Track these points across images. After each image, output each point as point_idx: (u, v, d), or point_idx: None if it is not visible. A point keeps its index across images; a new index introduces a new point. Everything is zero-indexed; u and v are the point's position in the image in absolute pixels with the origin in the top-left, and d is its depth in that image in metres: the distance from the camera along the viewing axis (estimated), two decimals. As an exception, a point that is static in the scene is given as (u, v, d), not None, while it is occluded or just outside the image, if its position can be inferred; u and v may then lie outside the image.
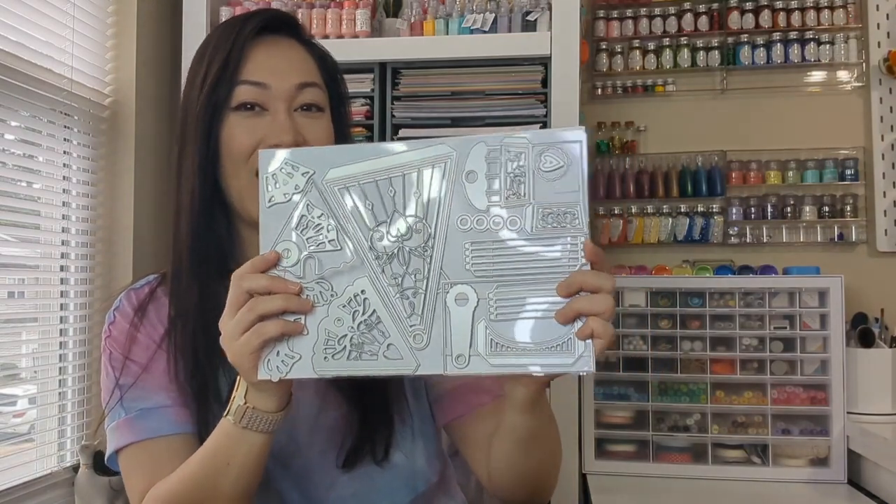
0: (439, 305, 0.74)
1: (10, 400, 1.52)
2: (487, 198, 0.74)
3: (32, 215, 1.54)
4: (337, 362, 0.75)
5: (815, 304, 1.92)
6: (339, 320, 0.75)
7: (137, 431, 0.92)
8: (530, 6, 1.65)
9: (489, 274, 0.73)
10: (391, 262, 0.75)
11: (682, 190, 2.23)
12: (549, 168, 0.74)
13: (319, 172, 0.78)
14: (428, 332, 0.74)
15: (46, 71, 1.49)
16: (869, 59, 2.18)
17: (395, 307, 0.75)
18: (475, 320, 0.73)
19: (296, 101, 0.94)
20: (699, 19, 2.24)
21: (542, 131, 0.76)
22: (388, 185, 0.76)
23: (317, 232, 0.77)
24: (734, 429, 1.93)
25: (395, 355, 0.74)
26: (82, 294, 1.61)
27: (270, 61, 0.95)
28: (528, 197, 0.74)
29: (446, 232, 0.75)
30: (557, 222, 0.73)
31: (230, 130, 0.93)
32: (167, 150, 1.79)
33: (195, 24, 1.69)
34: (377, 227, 0.76)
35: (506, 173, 0.74)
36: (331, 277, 0.76)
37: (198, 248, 0.94)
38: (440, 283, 0.74)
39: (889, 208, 2.15)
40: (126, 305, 0.99)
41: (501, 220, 0.74)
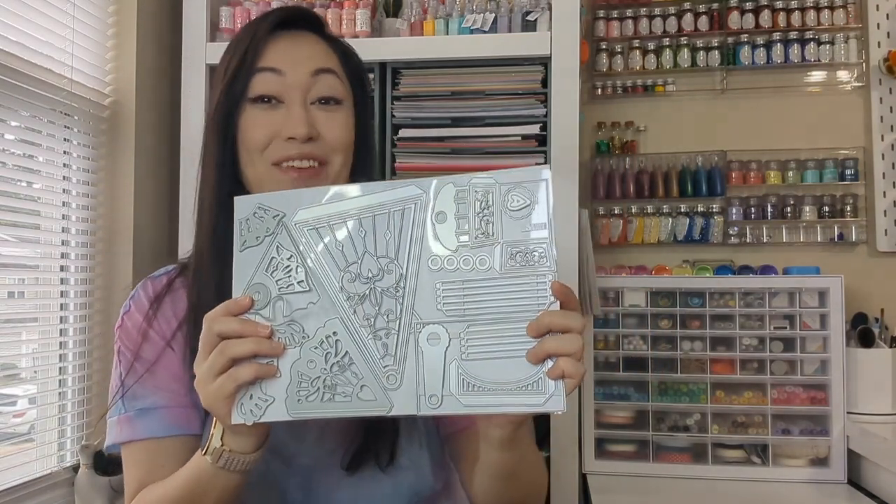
0: (412, 345, 0.74)
1: (10, 400, 1.52)
2: (457, 238, 0.75)
3: (32, 215, 1.54)
4: (311, 404, 0.75)
5: (815, 304, 1.92)
6: (312, 362, 0.75)
7: (135, 430, 0.93)
8: (530, 6, 1.65)
9: (460, 314, 0.74)
10: (363, 302, 0.76)
11: (682, 190, 2.23)
12: (517, 207, 0.75)
13: (290, 214, 0.78)
14: (401, 372, 0.74)
15: (46, 71, 1.49)
16: (869, 59, 2.18)
17: (367, 348, 0.75)
18: (447, 360, 0.73)
19: (312, 91, 0.95)
20: (699, 19, 2.24)
21: (508, 171, 0.76)
22: (359, 225, 0.77)
23: (286, 273, 0.77)
24: (734, 429, 1.93)
25: (369, 396, 0.74)
26: (82, 294, 1.61)
27: (288, 50, 0.96)
28: (497, 236, 0.74)
29: (417, 272, 0.75)
30: (525, 261, 0.74)
31: (247, 122, 0.95)
32: (167, 150, 1.79)
33: (195, 24, 1.69)
34: (348, 267, 0.76)
35: (474, 213, 0.75)
36: (301, 319, 0.76)
37: (218, 242, 0.95)
38: (412, 324, 0.74)
39: (889, 208, 2.15)
40: (142, 296, 1.00)
41: (471, 260, 0.75)
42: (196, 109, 1.67)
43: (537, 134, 1.61)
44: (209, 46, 1.68)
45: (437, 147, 1.65)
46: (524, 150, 1.62)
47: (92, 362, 1.63)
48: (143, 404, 0.94)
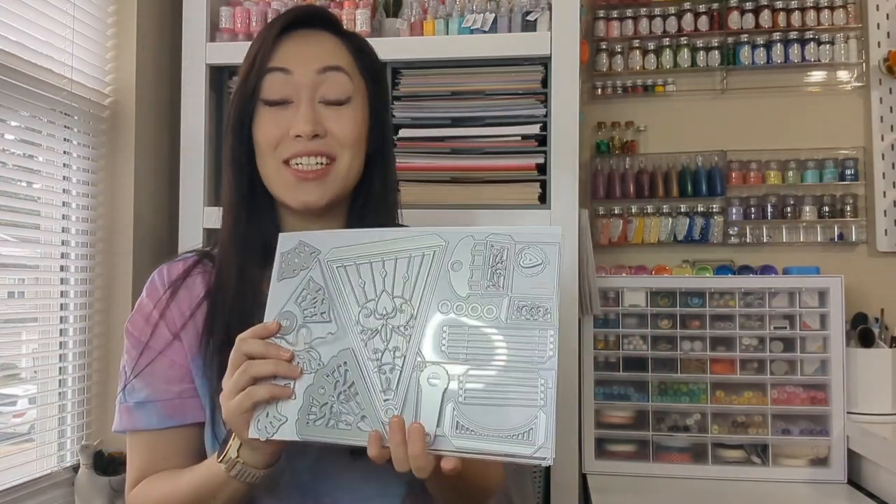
0: (413, 383, 0.78)
1: (10, 400, 1.52)
2: (469, 286, 0.80)
3: (32, 215, 1.53)
4: (317, 428, 0.79)
5: (815, 304, 1.92)
6: (323, 388, 0.80)
7: (133, 421, 0.97)
8: (530, 6, 1.65)
9: (462, 357, 0.78)
10: (374, 337, 0.81)
11: (682, 190, 2.23)
12: (529, 265, 0.80)
13: (324, 252, 0.86)
14: (399, 408, 0.78)
15: (46, 71, 1.49)
16: (869, 59, 2.18)
17: (371, 381, 0.79)
18: (445, 400, 0.77)
19: (319, 90, 0.97)
20: (699, 19, 2.24)
21: (524, 230, 0.83)
22: (381, 266, 0.83)
23: (312, 304, 0.84)
24: (734, 429, 1.93)
25: (367, 427, 0.78)
26: (82, 294, 1.61)
27: (297, 49, 0.98)
28: (507, 289, 0.79)
29: (427, 314, 0.80)
30: (531, 315, 0.78)
31: (259, 122, 0.98)
32: (167, 150, 1.79)
33: (195, 25, 1.69)
34: (366, 303, 0.82)
35: (488, 265, 0.81)
36: (319, 347, 0.82)
37: (237, 237, 0.99)
38: (416, 362, 0.79)
39: (889, 208, 2.15)
40: (157, 284, 1.03)
41: (479, 308, 0.79)
42: (196, 109, 1.67)
43: (537, 134, 1.61)
44: (209, 46, 1.68)
45: (437, 147, 1.65)
46: (524, 150, 1.62)
47: (92, 362, 1.63)
48: (139, 397, 0.98)
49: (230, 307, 0.96)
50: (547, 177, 1.60)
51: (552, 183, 1.59)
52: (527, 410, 0.75)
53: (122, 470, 1.52)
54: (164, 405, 0.97)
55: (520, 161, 1.62)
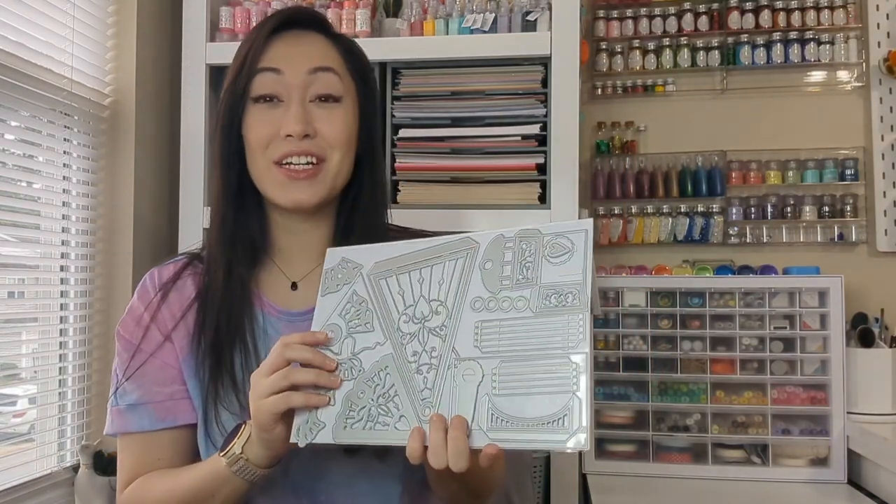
0: (448, 380, 0.80)
1: (10, 400, 1.52)
2: (500, 282, 0.82)
3: (32, 215, 1.53)
4: (353, 431, 0.82)
5: (815, 304, 1.92)
6: (363, 393, 0.83)
7: (125, 423, 0.99)
8: (530, 6, 1.65)
9: (495, 351, 0.79)
10: (412, 341, 0.84)
11: (682, 190, 2.23)
12: (556, 254, 0.81)
13: (366, 266, 0.89)
14: (436, 405, 0.79)
15: (46, 71, 1.49)
16: (869, 59, 2.18)
17: (411, 382, 0.82)
18: (479, 395, 0.78)
19: (310, 89, 0.98)
20: (699, 19, 2.24)
21: (553, 223, 0.85)
22: (419, 273, 0.86)
23: (357, 316, 0.87)
24: (734, 429, 1.93)
25: (405, 426, 0.80)
26: (82, 294, 1.61)
27: (288, 50, 0.99)
28: (535, 280, 0.81)
29: (461, 313, 0.82)
30: (559, 301, 0.79)
31: (249, 121, 0.98)
32: (167, 150, 1.79)
33: (195, 24, 1.69)
34: (405, 310, 0.85)
35: (517, 260, 0.82)
36: (362, 355, 0.85)
37: (225, 237, 1.00)
38: (450, 359, 0.81)
39: (889, 208, 2.15)
40: (148, 287, 1.03)
41: (509, 301, 0.81)
42: (196, 109, 1.67)
43: (537, 134, 1.61)
44: (209, 46, 1.68)
45: (437, 147, 1.65)
46: (524, 150, 1.62)
47: (92, 362, 1.63)
48: (130, 399, 0.99)
49: (219, 307, 0.97)
50: (547, 177, 1.60)
51: (552, 183, 1.59)
52: (559, 397, 0.75)
53: (121, 471, 1.52)
54: (156, 407, 0.98)
55: (520, 161, 1.62)
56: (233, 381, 0.95)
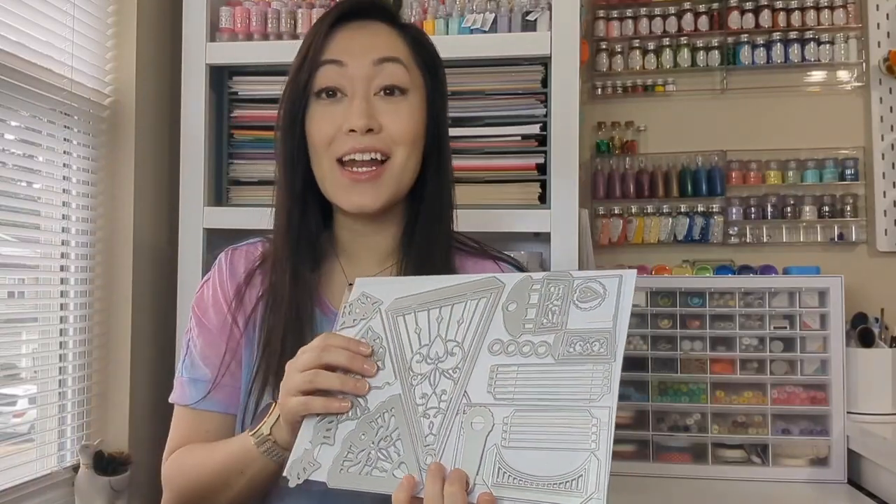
0: (456, 426, 0.74)
1: (10, 400, 1.52)
2: (522, 325, 0.76)
3: (32, 215, 1.53)
4: (349, 476, 0.76)
5: (815, 304, 1.92)
6: (365, 434, 0.77)
7: (186, 395, 0.99)
8: (530, 6, 1.65)
9: (509, 398, 0.73)
10: (423, 382, 0.78)
11: (682, 190, 2.23)
12: (585, 300, 0.75)
13: (386, 302, 0.84)
14: (440, 453, 0.73)
15: (46, 71, 1.49)
16: (869, 59, 2.18)
17: (415, 426, 0.76)
18: (487, 445, 0.71)
19: (374, 82, 0.93)
20: (699, 19, 2.25)
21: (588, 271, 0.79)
22: (438, 312, 0.81)
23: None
24: (734, 429, 1.93)
25: (402, 474, 0.74)
26: (82, 294, 1.61)
27: (352, 41, 0.94)
28: (561, 326, 0.75)
29: (476, 356, 0.76)
30: (584, 349, 0.73)
31: (312, 118, 0.95)
32: (167, 150, 1.79)
33: (195, 25, 1.69)
34: (419, 350, 0.79)
35: (543, 303, 0.77)
36: (368, 394, 0.79)
37: (292, 237, 0.97)
38: (461, 405, 0.74)
39: (889, 208, 2.15)
40: (224, 268, 1.03)
41: (530, 346, 0.75)
42: (196, 109, 1.67)
43: (537, 134, 1.61)
44: (209, 46, 1.68)
45: (437, 147, 1.65)
46: (524, 150, 1.62)
47: (92, 362, 1.63)
48: (195, 374, 0.99)
49: (285, 314, 0.94)
50: (547, 177, 1.60)
51: (552, 183, 1.58)
52: (576, 454, 0.68)
53: (121, 470, 1.52)
54: (218, 389, 0.98)
55: (520, 161, 1.62)
56: None
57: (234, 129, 1.71)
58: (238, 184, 1.71)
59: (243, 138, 1.70)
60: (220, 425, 0.98)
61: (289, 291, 0.95)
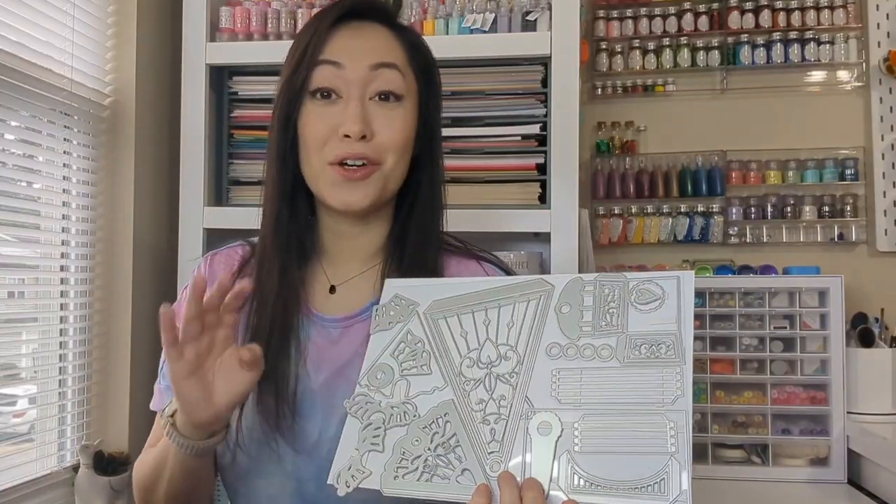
0: (520, 433, 0.71)
1: (10, 400, 1.52)
2: (580, 328, 0.74)
3: (32, 215, 1.53)
4: (406, 482, 0.73)
5: (815, 304, 1.92)
6: (418, 440, 0.75)
7: (161, 400, 0.99)
8: (530, 6, 1.65)
9: (576, 402, 0.70)
10: (478, 387, 0.75)
11: (682, 190, 2.23)
12: (644, 301, 0.74)
13: (424, 305, 0.81)
14: (506, 460, 0.70)
15: (46, 71, 1.49)
16: (869, 59, 2.18)
17: (475, 432, 0.73)
18: (557, 451, 0.69)
19: (370, 86, 0.93)
20: (699, 19, 2.25)
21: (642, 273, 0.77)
22: (484, 315, 0.78)
23: (411, 357, 0.79)
24: (734, 429, 1.93)
25: (469, 481, 0.70)
26: (82, 294, 1.61)
27: (349, 42, 0.94)
28: (622, 328, 0.73)
29: (535, 360, 0.74)
30: (651, 353, 0.71)
31: (306, 117, 0.94)
32: (167, 150, 1.79)
33: (195, 25, 1.69)
34: (469, 353, 0.77)
35: (599, 305, 0.74)
36: (416, 399, 0.77)
37: (280, 236, 0.96)
38: (523, 410, 0.72)
39: (889, 208, 2.16)
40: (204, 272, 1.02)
41: (592, 349, 0.72)
42: (196, 109, 1.67)
43: (537, 134, 1.61)
44: (209, 46, 1.68)
45: (437, 147, 1.65)
46: (524, 150, 1.62)
47: (92, 362, 1.63)
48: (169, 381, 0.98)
49: (272, 312, 0.94)
50: (547, 177, 1.60)
51: (552, 183, 1.58)
52: (655, 458, 0.66)
53: (121, 470, 1.52)
54: None
55: (520, 161, 1.62)
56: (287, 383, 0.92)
57: (234, 129, 1.71)
58: (238, 184, 1.71)
59: (243, 138, 1.70)
60: None
61: (276, 289, 0.95)
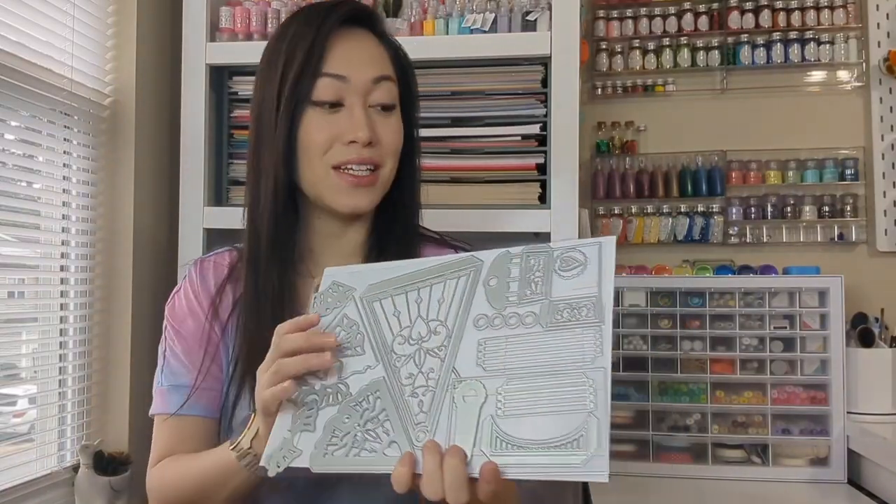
0: (447, 402, 0.73)
1: (10, 400, 1.52)
2: (506, 298, 0.76)
3: (32, 215, 1.54)
4: (335, 458, 0.74)
5: (815, 304, 1.92)
6: (349, 417, 0.76)
7: (168, 403, 0.99)
8: (530, 6, 1.65)
9: (500, 369, 0.72)
10: (407, 363, 0.77)
11: (682, 190, 2.23)
12: (568, 268, 0.76)
13: (360, 290, 0.83)
14: (433, 429, 0.72)
15: (46, 71, 1.49)
16: (869, 59, 2.18)
17: (404, 406, 0.75)
18: (481, 417, 0.70)
19: (371, 96, 0.97)
20: (699, 19, 2.25)
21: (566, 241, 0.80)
22: (417, 294, 0.80)
23: (346, 340, 0.81)
24: (734, 429, 1.93)
25: (395, 453, 0.72)
26: (82, 294, 1.61)
27: (350, 53, 0.97)
28: (545, 294, 0.75)
29: (462, 332, 0.76)
30: (572, 315, 0.73)
31: (308, 125, 0.96)
32: (167, 150, 1.79)
33: (195, 25, 1.69)
34: (401, 332, 0.79)
35: (524, 275, 0.77)
36: (349, 378, 0.78)
37: (278, 239, 0.98)
38: (450, 381, 0.74)
39: (889, 208, 2.15)
40: (195, 277, 1.04)
41: (517, 318, 0.75)
42: (196, 109, 1.67)
43: (537, 134, 1.61)
44: (209, 46, 1.68)
45: (437, 147, 1.65)
46: (524, 150, 1.62)
47: (92, 362, 1.63)
48: (175, 381, 1.00)
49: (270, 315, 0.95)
50: (547, 177, 1.60)
51: (552, 183, 1.59)
52: (574, 416, 0.67)
53: (121, 470, 1.52)
54: (199, 393, 0.99)
55: (520, 161, 1.62)
56: None
57: (234, 129, 1.71)
58: (238, 184, 1.71)
59: (243, 138, 1.70)
60: (204, 430, 0.99)
61: (272, 293, 0.96)
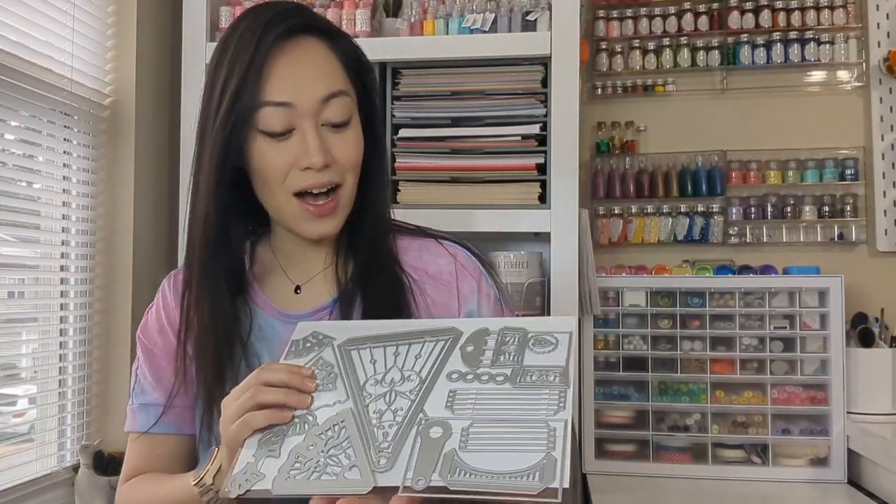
0: (412, 434, 0.75)
1: (10, 400, 1.52)
2: (479, 361, 0.81)
3: (32, 215, 1.54)
4: (296, 482, 0.74)
5: (815, 304, 1.92)
6: (313, 445, 0.77)
7: (136, 422, 1.00)
8: (530, 6, 1.65)
9: (468, 414, 0.75)
10: (377, 400, 0.79)
11: (682, 190, 2.23)
12: (539, 347, 0.82)
13: (339, 339, 0.86)
14: (394, 456, 0.73)
15: (46, 71, 1.49)
16: (869, 59, 2.18)
17: (369, 436, 0.76)
18: (444, 449, 0.72)
19: (322, 115, 0.91)
20: (699, 19, 2.24)
21: (539, 320, 0.87)
22: (395, 349, 0.84)
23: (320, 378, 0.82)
24: (734, 429, 1.93)
25: (356, 476, 0.73)
26: (82, 294, 1.61)
27: (294, 74, 0.90)
28: (517, 362, 0.80)
29: (435, 381, 0.79)
30: (541, 379, 0.78)
31: (261, 155, 0.91)
32: (167, 150, 1.79)
33: (195, 24, 1.69)
34: (374, 375, 0.81)
35: (499, 347, 0.82)
36: (317, 410, 0.80)
37: (210, 263, 0.95)
38: (417, 419, 0.76)
39: (889, 208, 2.15)
40: (168, 292, 1.03)
41: (489, 376, 0.79)
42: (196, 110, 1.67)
43: (537, 134, 1.61)
44: (209, 46, 1.68)
45: (437, 147, 1.65)
46: (524, 150, 1.62)
47: (92, 362, 1.63)
48: (145, 399, 1.00)
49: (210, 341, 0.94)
50: (547, 177, 1.60)
51: (552, 183, 1.59)
52: (534, 454, 0.69)
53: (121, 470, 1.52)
54: (169, 411, 0.98)
55: (520, 161, 1.62)
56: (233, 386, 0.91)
57: (234, 129, 1.70)
58: (238, 184, 1.71)
59: (243, 138, 1.70)
60: (175, 447, 0.99)
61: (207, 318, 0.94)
